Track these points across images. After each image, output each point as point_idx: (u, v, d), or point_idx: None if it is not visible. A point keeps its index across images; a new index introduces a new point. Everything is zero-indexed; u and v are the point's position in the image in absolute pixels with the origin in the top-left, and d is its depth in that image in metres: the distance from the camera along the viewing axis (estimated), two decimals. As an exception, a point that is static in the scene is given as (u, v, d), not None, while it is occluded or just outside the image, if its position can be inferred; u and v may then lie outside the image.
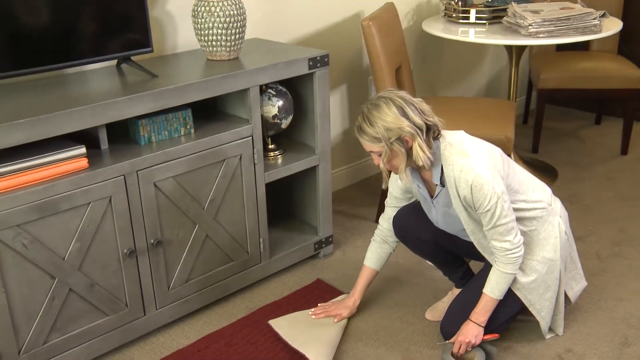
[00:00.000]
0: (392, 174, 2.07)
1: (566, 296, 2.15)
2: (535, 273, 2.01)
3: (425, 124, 1.84)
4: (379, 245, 2.23)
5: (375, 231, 2.25)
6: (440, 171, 1.91)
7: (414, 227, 2.14)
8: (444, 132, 1.93)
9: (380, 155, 1.86)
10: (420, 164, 1.85)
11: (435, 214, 2.06)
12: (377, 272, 2.26)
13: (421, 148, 1.83)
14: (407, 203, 2.18)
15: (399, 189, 2.16)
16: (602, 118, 4.09)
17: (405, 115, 1.81)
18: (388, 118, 1.80)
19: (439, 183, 1.95)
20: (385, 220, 2.21)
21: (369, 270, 2.25)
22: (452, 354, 2.00)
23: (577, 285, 2.20)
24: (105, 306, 2.03)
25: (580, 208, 2.99)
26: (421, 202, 2.11)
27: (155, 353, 2.13)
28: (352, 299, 2.25)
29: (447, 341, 2.05)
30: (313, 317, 2.21)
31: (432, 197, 2.02)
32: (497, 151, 1.95)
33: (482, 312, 1.99)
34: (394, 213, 2.19)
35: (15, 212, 1.77)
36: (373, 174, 3.44)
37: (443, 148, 1.89)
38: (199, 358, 2.09)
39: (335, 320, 2.20)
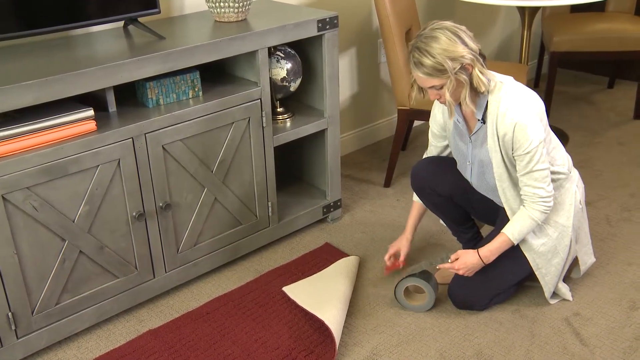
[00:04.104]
0: (432, 112, 2.08)
1: (571, 269, 2.16)
2: (546, 237, 2.01)
3: (478, 48, 1.83)
4: None
5: None
6: (484, 107, 1.90)
7: (431, 179, 2.13)
8: (494, 73, 1.92)
9: (439, 89, 1.84)
10: (483, 89, 1.84)
11: (471, 168, 2.04)
12: (426, 209, 2.23)
13: (482, 73, 1.83)
14: (444, 144, 2.16)
15: (437, 126, 2.13)
16: (615, 82, 4.02)
17: (462, 41, 1.79)
18: (449, 47, 1.77)
19: (480, 118, 1.93)
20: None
21: (417, 206, 2.22)
22: (407, 288, 2.09)
23: (589, 260, 2.21)
24: (115, 269, 2.05)
25: (591, 173, 2.97)
26: (455, 153, 2.09)
27: (164, 315, 2.16)
28: (404, 237, 2.22)
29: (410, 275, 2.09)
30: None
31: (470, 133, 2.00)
32: (543, 106, 1.93)
33: (494, 251, 1.98)
34: (437, 152, 2.19)
35: (25, 174, 1.77)
36: (382, 138, 3.42)
37: (492, 85, 1.87)
38: (208, 320, 2.11)
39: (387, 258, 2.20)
